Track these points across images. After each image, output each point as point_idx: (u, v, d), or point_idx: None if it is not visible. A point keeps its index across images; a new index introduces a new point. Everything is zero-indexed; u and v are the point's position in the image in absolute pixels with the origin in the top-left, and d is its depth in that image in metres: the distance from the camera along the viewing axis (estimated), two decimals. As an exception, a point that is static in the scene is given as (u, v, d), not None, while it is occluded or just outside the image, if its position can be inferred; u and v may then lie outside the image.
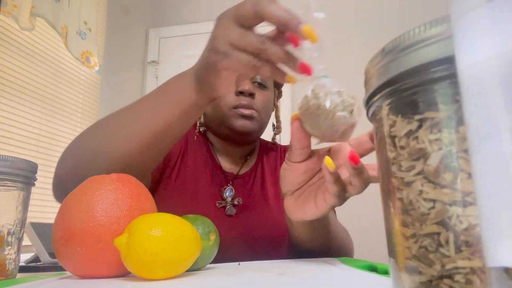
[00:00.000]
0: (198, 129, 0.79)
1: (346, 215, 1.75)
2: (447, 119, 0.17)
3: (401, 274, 0.18)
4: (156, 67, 2.34)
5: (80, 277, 0.38)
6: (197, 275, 0.37)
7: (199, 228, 0.42)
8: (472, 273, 0.16)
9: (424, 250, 0.17)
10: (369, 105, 0.21)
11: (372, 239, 1.76)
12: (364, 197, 1.97)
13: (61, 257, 0.37)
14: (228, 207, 0.70)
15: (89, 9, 1.81)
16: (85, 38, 1.76)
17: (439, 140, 0.17)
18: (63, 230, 0.37)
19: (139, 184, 0.42)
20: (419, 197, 0.17)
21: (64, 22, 1.62)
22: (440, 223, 0.16)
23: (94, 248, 0.36)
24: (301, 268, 0.41)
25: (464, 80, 0.12)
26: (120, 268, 0.38)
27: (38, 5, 1.47)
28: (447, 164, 0.17)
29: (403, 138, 0.18)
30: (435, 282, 0.16)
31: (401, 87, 0.18)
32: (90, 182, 0.40)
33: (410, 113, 0.18)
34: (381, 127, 0.20)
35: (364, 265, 0.41)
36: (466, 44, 0.12)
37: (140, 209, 0.39)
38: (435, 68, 0.17)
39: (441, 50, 0.17)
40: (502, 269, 0.10)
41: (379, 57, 0.20)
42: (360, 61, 2.39)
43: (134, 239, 0.33)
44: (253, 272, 0.38)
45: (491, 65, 0.11)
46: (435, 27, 0.17)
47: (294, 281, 0.31)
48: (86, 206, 0.37)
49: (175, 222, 0.36)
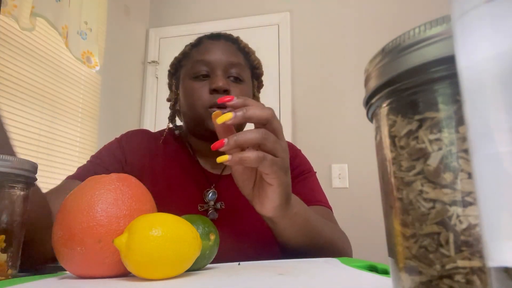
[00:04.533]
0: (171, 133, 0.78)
1: (346, 215, 1.75)
2: (447, 119, 0.17)
3: (401, 274, 0.18)
4: (156, 67, 2.35)
5: (80, 277, 0.38)
6: (197, 275, 0.37)
7: (199, 228, 0.42)
8: (472, 273, 0.16)
9: (424, 250, 0.17)
10: (369, 105, 0.21)
11: (372, 239, 1.76)
12: (364, 197, 1.98)
13: (61, 257, 0.37)
14: (210, 211, 0.69)
15: (90, 9, 1.81)
16: (86, 38, 1.76)
17: (439, 140, 0.17)
18: (63, 230, 0.37)
19: (139, 184, 0.42)
20: (419, 197, 0.17)
21: (64, 22, 1.62)
22: (440, 223, 0.16)
23: (94, 248, 0.36)
24: (301, 268, 0.41)
25: (464, 80, 0.12)
26: (120, 268, 0.38)
27: (39, 5, 1.47)
28: (447, 164, 0.17)
29: (403, 138, 0.18)
30: (435, 282, 0.16)
31: (401, 87, 0.18)
32: (90, 182, 0.40)
33: (410, 113, 0.18)
34: (381, 127, 0.20)
35: (364, 265, 0.41)
36: (466, 44, 0.12)
37: (140, 209, 0.39)
38: (435, 68, 0.17)
39: (441, 50, 0.17)
40: (502, 269, 0.10)
41: (379, 57, 0.20)
42: (360, 61, 2.39)
43: (134, 239, 0.33)
44: (253, 272, 0.38)
45: (491, 65, 0.11)
46: (435, 27, 0.17)
47: (294, 281, 0.31)
48: (86, 206, 0.37)
49: (175, 222, 0.36)
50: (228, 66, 0.70)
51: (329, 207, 0.74)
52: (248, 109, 0.43)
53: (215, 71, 0.69)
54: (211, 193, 0.70)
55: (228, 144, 0.42)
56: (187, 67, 0.72)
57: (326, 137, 2.03)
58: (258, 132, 0.43)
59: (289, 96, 2.11)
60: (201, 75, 0.69)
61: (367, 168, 1.93)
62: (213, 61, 0.69)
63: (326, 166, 1.98)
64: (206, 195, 0.70)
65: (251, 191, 0.49)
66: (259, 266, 0.45)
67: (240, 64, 0.71)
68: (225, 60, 0.70)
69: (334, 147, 2.01)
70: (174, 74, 0.77)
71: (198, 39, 0.74)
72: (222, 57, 0.69)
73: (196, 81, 0.69)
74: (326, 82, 2.10)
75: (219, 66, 0.69)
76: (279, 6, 2.25)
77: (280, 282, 0.31)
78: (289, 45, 2.18)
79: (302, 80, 2.13)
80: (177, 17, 2.41)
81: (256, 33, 2.18)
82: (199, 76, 0.69)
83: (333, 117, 2.05)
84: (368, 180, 1.91)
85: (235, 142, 0.42)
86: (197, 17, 2.36)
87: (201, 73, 0.69)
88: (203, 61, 0.69)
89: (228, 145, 0.42)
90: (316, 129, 2.05)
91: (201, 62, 0.69)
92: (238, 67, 0.71)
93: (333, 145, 2.01)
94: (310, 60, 2.15)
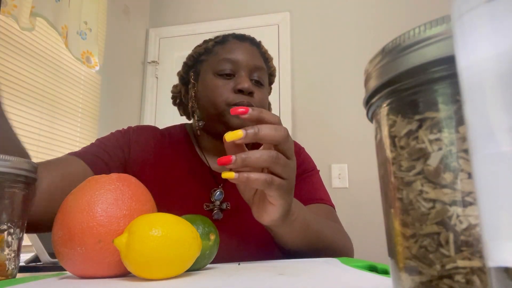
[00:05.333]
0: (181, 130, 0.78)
1: (346, 215, 1.75)
2: (447, 119, 0.17)
3: (401, 274, 0.18)
4: (156, 67, 2.35)
5: (80, 277, 0.38)
6: (197, 275, 0.37)
7: (199, 228, 0.42)
8: (472, 273, 0.16)
9: (424, 250, 0.17)
10: (369, 105, 0.21)
11: (372, 239, 1.76)
12: (364, 197, 1.98)
13: (61, 257, 0.37)
14: (215, 211, 0.69)
15: (89, 9, 1.80)
16: (86, 38, 1.76)
17: (439, 140, 0.17)
18: (63, 230, 0.37)
19: (139, 184, 0.42)
20: (419, 197, 0.17)
21: (64, 22, 1.62)
22: (440, 223, 0.16)
23: (94, 248, 0.36)
24: (301, 268, 0.41)
25: (464, 80, 0.12)
26: (120, 268, 0.38)
27: (38, 5, 1.47)
28: (447, 164, 0.17)
29: (403, 138, 0.18)
30: (435, 282, 0.16)
31: (401, 87, 0.18)
32: (90, 182, 0.40)
33: (410, 113, 0.18)
34: (381, 127, 0.20)
35: (364, 265, 0.41)
36: (466, 44, 0.12)
37: (140, 209, 0.39)
38: (435, 68, 0.17)
39: (441, 50, 0.17)
40: (502, 269, 0.10)
41: (379, 57, 0.20)
42: (360, 61, 2.38)
43: (134, 239, 0.33)
44: (253, 272, 0.38)
45: (491, 65, 0.11)
46: (435, 27, 0.17)
47: (294, 281, 0.31)
48: (86, 206, 0.37)
49: (175, 222, 0.36)
50: (253, 69, 0.71)
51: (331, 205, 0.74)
52: (260, 129, 0.41)
53: (240, 71, 0.69)
54: (219, 193, 0.70)
55: (235, 163, 0.40)
56: (210, 63, 0.72)
57: (326, 137, 2.03)
58: (268, 155, 0.41)
59: (289, 96, 2.11)
60: (225, 74, 0.69)
61: (367, 168, 1.93)
62: (240, 61, 0.69)
63: (326, 166, 1.98)
64: (213, 194, 0.70)
65: (251, 197, 0.48)
66: (259, 266, 0.45)
67: (263, 68, 0.73)
68: (251, 62, 0.70)
69: (334, 147, 2.01)
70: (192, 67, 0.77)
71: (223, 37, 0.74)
72: (248, 58, 0.70)
73: (219, 78, 0.69)
74: (326, 82, 2.10)
75: (245, 67, 0.70)
76: (279, 6, 2.25)
77: (280, 282, 0.31)
78: (289, 45, 2.18)
79: (302, 80, 2.13)
80: (177, 17, 2.41)
81: (256, 33, 2.16)
82: (223, 75, 0.69)
83: (333, 117, 2.05)
84: (368, 180, 1.91)
85: (243, 162, 0.40)
86: (197, 17, 2.36)
87: (225, 72, 0.69)
88: (229, 59, 0.69)
89: (235, 164, 0.40)
90: (316, 129, 2.05)
91: (227, 61, 0.69)
92: (261, 71, 0.72)
93: (333, 145, 2.01)
94: (310, 60, 2.15)
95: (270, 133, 0.41)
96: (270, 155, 0.41)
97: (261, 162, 0.41)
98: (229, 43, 0.72)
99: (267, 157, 0.41)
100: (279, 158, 0.42)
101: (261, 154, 0.41)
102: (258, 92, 0.70)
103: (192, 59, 0.76)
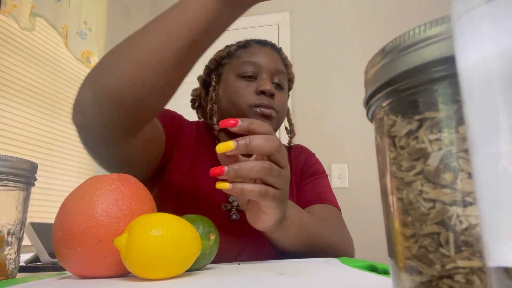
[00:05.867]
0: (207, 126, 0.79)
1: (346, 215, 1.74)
2: (447, 119, 0.17)
3: (401, 274, 0.18)
4: (156, 67, 2.34)
5: (80, 277, 0.38)
6: (197, 275, 0.37)
7: (199, 228, 0.42)
8: (472, 273, 0.16)
9: (424, 250, 0.17)
10: (369, 105, 0.21)
11: (372, 239, 1.76)
12: (364, 197, 1.97)
13: (61, 257, 0.37)
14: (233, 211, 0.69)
15: (90, 9, 1.80)
16: (86, 38, 1.76)
17: (439, 140, 0.17)
18: (63, 230, 0.37)
19: (139, 184, 0.42)
20: (419, 197, 0.17)
21: (64, 22, 1.62)
22: (440, 223, 0.16)
23: (94, 248, 0.36)
24: (301, 268, 0.41)
25: (464, 80, 0.12)
26: (120, 268, 0.38)
27: (38, 5, 1.47)
28: (447, 164, 0.17)
29: (403, 138, 0.18)
30: (435, 282, 0.16)
31: (401, 87, 0.18)
32: (90, 182, 0.40)
33: (410, 113, 0.18)
34: (381, 127, 0.20)
35: (364, 265, 0.41)
36: (466, 44, 0.12)
37: (140, 209, 0.39)
38: (435, 68, 0.17)
39: (441, 50, 0.17)
40: (502, 269, 0.10)
41: (379, 57, 0.20)
42: (360, 61, 2.38)
43: (134, 239, 0.33)
44: (253, 272, 0.38)
45: (491, 65, 0.11)
46: (435, 27, 0.17)
47: (294, 281, 0.31)
48: (86, 206, 0.37)
49: (175, 222, 0.36)
50: (275, 73, 0.72)
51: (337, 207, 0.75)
52: (252, 139, 0.41)
53: (262, 74, 0.71)
54: None
55: (227, 174, 0.40)
56: (232, 66, 0.73)
57: (326, 137, 2.03)
58: (261, 166, 0.41)
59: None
60: (247, 76, 0.71)
61: (367, 168, 1.93)
62: (262, 64, 0.71)
63: (326, 166, 1.97)
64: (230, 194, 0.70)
65: (245, 203, 0.48)
66: (259, 266, 0.45)
67: (284, 72, 0.74)
68: (273, 65, 0.72)
69: (334, 147, 2.01)
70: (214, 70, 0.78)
71: (246, 42, 0.77)
72: (270, 62, 0.72)
73: (241, 80, 0.71)
74: (326, 82, 2.10)
75: (267, 70, 0.71)
76: (279, 6, 2.25)
77: (280, 282, 0.31)
78: (289, 45, 2.18)
79: (302, 80, 2.13)
80: (177, 17, 2.41)
81: (256, 33, 2.17)
82: (245, 77, 0.71)
83: (333, 117, 2.05)
84: (368, 180, 1.91)
85: (236, 173, 0.40)
86: (197, 17, 2.36)
87: (247, 74, 0.71)
88: (252, 62, 0.71)
89: (227, 175, 0.40)
90: (316, 129, 2.05)
91: (249, 63, 0.71)
92: (281, 75, 0.74)
93: (333, 145, 2.01)
94: (310, 60, 2.15)
95: (262, 143, 0.41)
96: (263, 166, 0.41)
97: (254, 173, 0.41)
98: (251, 47, 0.74)
99: (260, 168, 0.41)
100: (272, 169, 0.42)
101: (253, 165, 0.41)
102: (279, 94, 0.72)
103: (214, 62, 0.78)
